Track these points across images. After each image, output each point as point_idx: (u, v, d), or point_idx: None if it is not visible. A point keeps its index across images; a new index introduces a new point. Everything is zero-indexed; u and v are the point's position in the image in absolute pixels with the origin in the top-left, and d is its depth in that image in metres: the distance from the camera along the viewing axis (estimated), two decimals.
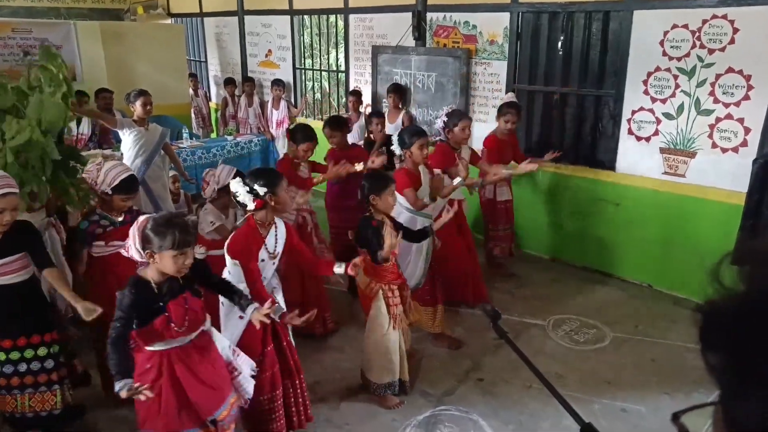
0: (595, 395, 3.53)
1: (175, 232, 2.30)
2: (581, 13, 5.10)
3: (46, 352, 2.90)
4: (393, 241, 3.16)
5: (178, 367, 2.45)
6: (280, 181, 2.90)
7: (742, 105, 4.27)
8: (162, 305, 2.37)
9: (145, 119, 5.11)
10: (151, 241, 2.32)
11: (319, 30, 8.01)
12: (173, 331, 2.39)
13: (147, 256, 2.34)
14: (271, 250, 2.93)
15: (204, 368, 2.52)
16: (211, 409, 2.55)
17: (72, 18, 9.51)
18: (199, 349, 2.52)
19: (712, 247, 4.48)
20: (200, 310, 2.52)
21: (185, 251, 2.35)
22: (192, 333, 2.48)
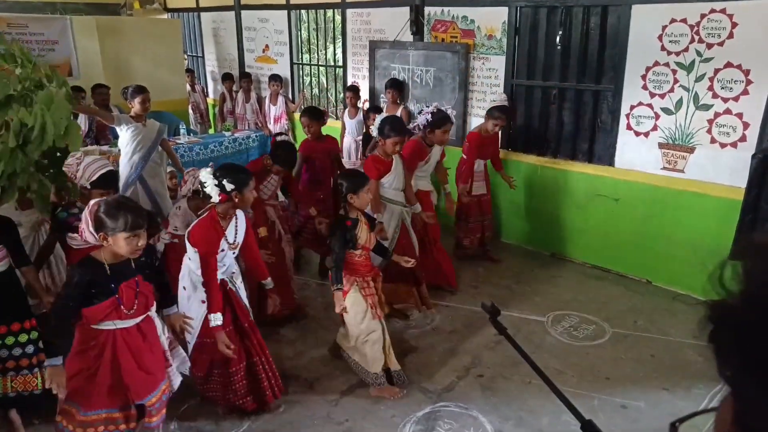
0: (595, 391, 3.53)
1: (127, 214, 2.38)
2: (579, 8, 5.08)
3: (27, 338, 3.02)
4: (368, 236, 3.40)
5: (120, 348, 2.54)
6: (249, 181, 3.03)
7: (741, 100, 4.26)
8: (114, 287, 2.46)
9: (143, 115, 5.08)
10: (104, 223, 2.39)
11: (316, 25, 7.97)
12: (122, 313, 2.49)
13: (101, 238, 2.42)
14: (231, 240, 3.09)
15: (144, 353, 2.61)
16: (142, 393, 2.63)
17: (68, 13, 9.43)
18: (143, 334, 2.62)
19: (710, 242, 4.49)
20: (150, 295, 2.62)
21: (138, 233, 2.42)
22: (139, 316, 2.58)
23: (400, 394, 3.51)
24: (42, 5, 10.62)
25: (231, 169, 3.04)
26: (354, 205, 3.39)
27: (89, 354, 2.52)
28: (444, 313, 4.54)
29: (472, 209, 5.29)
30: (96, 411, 2.57)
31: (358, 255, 3.43)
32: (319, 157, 5.00)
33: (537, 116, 5.62)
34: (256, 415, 3.33)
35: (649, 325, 4.32)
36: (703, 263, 4.56)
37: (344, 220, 3.39)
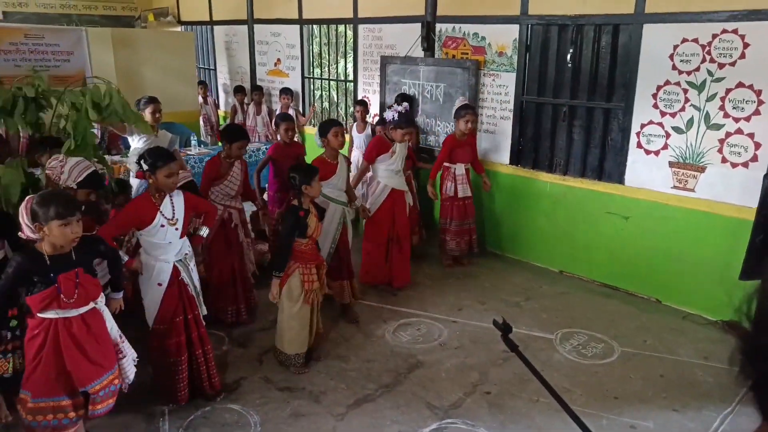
0: (603, 410, 3.49)
1: (58, 203, 2.51)
2: (591, 26, 5.11)
3: (16, 323, 3.12)
4: (316, 226, 3.76)
5: (62, 336, 2.65)
6: (162, 167, 3.16)
7: (753, 120, 4.26)
8: (53, 276, 2.57)
9: (155, 126, 5.13)
10: (36, 214, 2.52)
11: (328, 39, 8.04)
12: (62, 302, 2.59)
13: (36, 229, 2.54)
14: (169, 215, 3.23)
15: (88, 342, 2.71)
16: (84, 381, 2.72)
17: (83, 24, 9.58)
18: (87, 325, 2.71)
19: (721, 262, 4.45)
20: (93, 287, 2.72)
21: (69, 221, 2.53)
22: (82, 307, 2.68)
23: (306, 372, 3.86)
24: (58, 17, 10.79)
25: (151, 153, 3.22)
26: (309, 195, 3.72)
27: (35, 342, 2.65)
28: (451, 328, 4.52)
29: (458, 212, 5.51)
30: (43, 398, 2.67)
31: (305, 243, 3.73)
32: (287, 162, 5.05)
33: (547, 133, 5.63)
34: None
35: (659, 344, 4.28)
36: (713, 283, 4.53)
37: (298, 209, 3.68)
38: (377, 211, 4.97)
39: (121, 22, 11.49)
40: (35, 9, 10.70)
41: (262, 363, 3.99)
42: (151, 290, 3.27)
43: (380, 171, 4.97)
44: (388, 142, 4.97)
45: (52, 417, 2.70)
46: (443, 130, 6.31)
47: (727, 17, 4.25)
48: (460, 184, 5.46)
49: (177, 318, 3.32)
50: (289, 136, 5.22)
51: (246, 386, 3.72)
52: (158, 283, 3.24)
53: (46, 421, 2.69)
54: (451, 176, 5.48)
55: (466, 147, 5.49)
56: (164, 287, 3.25)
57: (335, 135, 4.42)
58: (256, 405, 3.52)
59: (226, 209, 4.47)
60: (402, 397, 3.62)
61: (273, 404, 3.54)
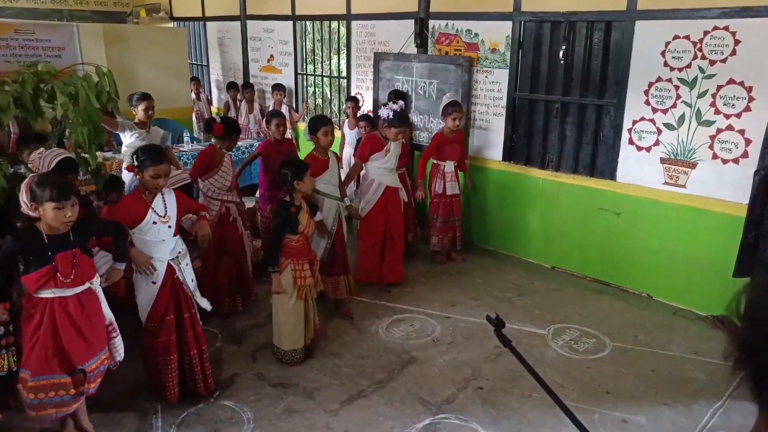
0: (595, 405, 3.52)
1: (54, 185, 2.59)
2: (583, 23, 5.12)
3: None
4: (307, 222, 3.76)
5: (59, 315, 2.71)
6: (149, 166, 3.16)
7: (743, 116, 4.29)
8: (51, 254, 2.65)
9: (147, 122, 5.11)
10: (34, 193, 2.61)
11: (321, 36, 8.02)
12: (59, 281, 2.67)
13: (32, 208, 2.62)
14: (161, 213, 3.23)
15: (82, 321, 2.78)
16: (81, 359, 2.79)
17: (75, 20, 9.50)
18: (82, 304, 2.78)
19: (712, 257, 4.49)
20: (88, 267, 2.80)
21: (64, 204, 2.60)
22: (78, 287, 2.75)
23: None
24: (49, 12, 10.70)
25: (144, 150, 3.24)
26: (300, 191, 3.73)
27: (32, 322, 2.71)
28: (444, 324, 4.53)
29: (443, 209, 5.53)
30: (43, 377, 2.73)
31: (296, 240, 3.74)
32: (278, 159, 5.03)
33: (539, 130, 5.65)
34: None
35: (650, 339, 4.31)
36: (704, 279, 4.57)
37: (289, 206, 3.70)
38: (371, 210, 4.96)
39: (113, 18, 11.40)
40: (26, 4, 10.61)
41: (255, 360, 3.99)
42: (144, 288, 3.26)
43: (374, 169, 4.96)
44: (381, 141, 4.96)
45: (54, 394, 2.76)
46: (436, 126, 6.31)
47: (718, 14, 4.27)
48: (449, 182, 5.48)
49: (168, 316, 3.31)
50: (280, 132, 5.20)
51: (239, 383, 3.72)
52: (152, 282, 3.24)
53: (48, 398, 2.76)
54: (440, 174, 5.49)
55: (454, 144, 5.51)
56: (158, 286, 3.25)
57: (325, 134, 4.42)
58: (249, 401, 3.52)
59: (223, 204, 4.47)
60: (395, 393, 3.63)
61: (266, 400, 3.54)
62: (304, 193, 3.80)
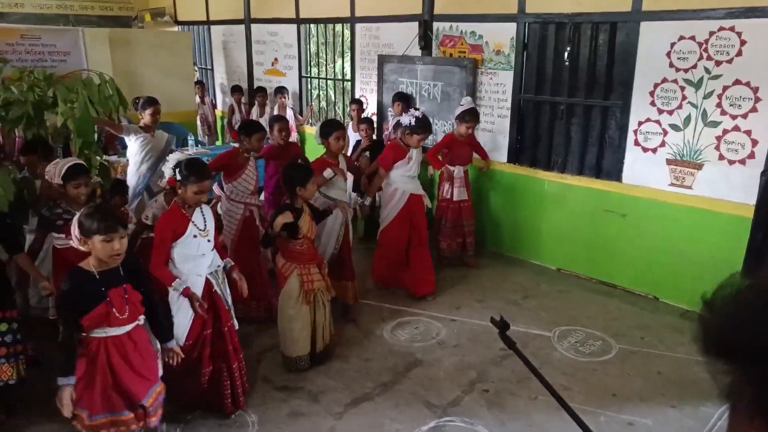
0: (602, 408, 3.50)
1: (102, 218, 2.51)
2: (588, 24, 5.11)
3: (6, 327, 3.14)
4: (309, 225, 3.71)
5: (113, 354, 2.64)
6: (194, 182, 3.11)
7: (750, 117, 4.26)
8: (104, 290, 2.56)
9: (152, 126, 5.13)
10: (83, 227, 2.52)
11: (325, 39, 8.03)
12: (114, 318, 2.58)
13: (82, 242, 2.53)
14: (201, 226, 3.19)
15: (135, 357, 2.71)
16: (139, 394, 2.73)
17: (80, 25, 9.55)
18: (133, 341, 2.71)
19: (719, 259, 4.46)
20: (139, 303, 2.70)
21: (112, 236, 2.51)
22: (131, 323, 2.67)
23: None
24: (55, 17, 10.76)
25: (189, 164, 3.17)
26: (303, 196, 3.70)
27: (83, 362, 2.63)
28: (449, 327, 4.52)
29: (452, 214, 5.47)
30: (101, 415, 2.66)
31: (299, 244, 3.69)
32: (283, 164, 5.00)
33: (545, 131, 5.63)
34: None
35: (657, 341, 4.29)
36: (711, 280, 4.53)
37: (288, 210, 3.65)
38: (396, 220, 4.84)
39: (118, 23, 11.45)
40: (31, 9, 10.67)
41: (260, 362, 3.98)
42: (183, 304, 3.16)
43: (397, 177, 4.82)
44: (403, 148, 4.82)
45: (115, 430, 2.71)
46: (441, 128, 6.31)
47: (724, 15, 4.25)
48: (457, 188, 5.41)
49: (206, 331, 3.24)
50: (283, 137, 5.13)
51: None
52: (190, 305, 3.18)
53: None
54: (449, 178, 5.44)
55: (465, 147, 5.45)
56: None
57: (336, 139, 4.37)
58: (254, 404, 3.52)
59: (246, 207, 4.44)
60: (400, 396, 3.62)
61: (271, 404, 3.53)
62: (305, 199, 3.77)
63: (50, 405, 2.68)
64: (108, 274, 2.60)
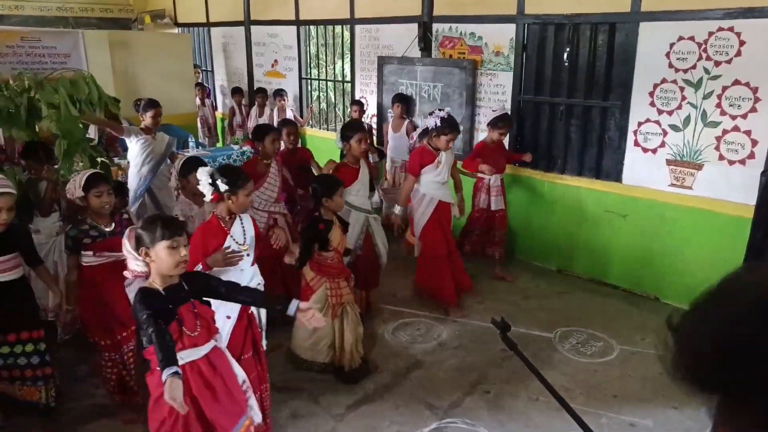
0: (603, 409, 3.50)
1: (164, 222, 2.32)
2: (587, 25, 5.11)
3: (33, 348, 3.02)
4: (340, 238, 3.58)
5: (194, 383, 2.35)
6: (245, 184, 2.96)
7: (749, 117, 4.26)
8: (172, 308, 2.31)
9: (153, 128, 5.13)
10: (142, 238, 2.30)
11: (325, 40, 8.04)
12: (186, 336, 2.32)
13: (143, 255, 2.29)
14: (240, 240, 3.02)
15: (218, 385, 2.42)
16: (228, 427, 2.44)
17: (80, 27, 9.56)
18: (213, 366, 2.43)
19: (719, 259, 4.46)
20: (211, 320, 2.46)
21: (177, 240, 2.29)
22: (206, 343, 2.41)
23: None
24: (55, 19, 10.77)
25: (228, 170, 3.00)
26: (330, 208, 3.57)
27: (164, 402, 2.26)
28: (450, 328, 4.52)
29: (484, 223, 5.30)
30: None
31: (330, 257, 3.60)
32: (293, 168, 4.99)
33: (544, 132, 5.63)
34: None
35: (658, 342, 4.27)
36: (711, 281, 4.53)
37: (317, 222, 3.57)
38: (429, 226, 4.62)
39: (118, 25, 11.47)
40: (31, 12, 10.69)
41: None
42: (218, 321, 2.87)
43: (425, 183, 4.60)
44: (431, 153, 4.58)
45: None
46: None
47: (722, 15, 4.26)
48: (494, 197, 5.19)
49: (245, 355, 2.97)
50: (291, 141, 5.04)
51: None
52: (227, 316, 2.92)
53: None
54: (485, 188, 5.22)
55: (499, 154, 5.23)
56: (233, 320, 2.94)
57: (358, 141, 4.22)
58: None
59: (270, 216, 4.30)
60: (401, 397, 3.62)
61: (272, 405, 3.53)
62: (333, 211, 3.61)
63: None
64: (172, 291, 2.35)
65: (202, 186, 2.93)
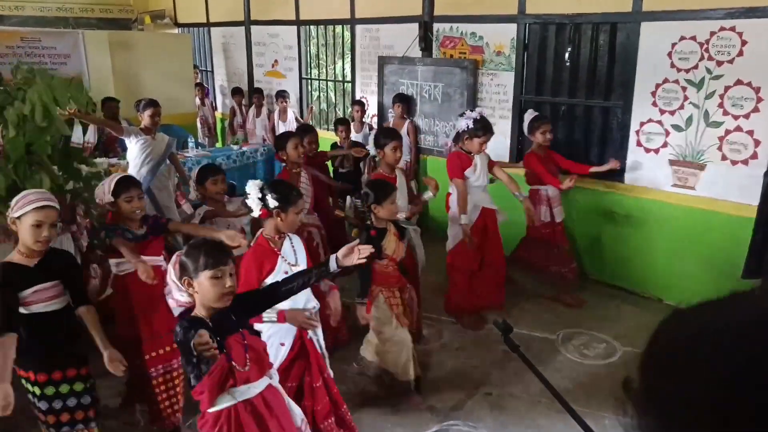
0: (605, 410, 3.47)
1: (207, 249, 2.13)
2: (588, 25, 5.10)
3: (82, 387, 2.69)
4: (396, 245, 3.32)
5: (248, 425, 2.15)
6: (296, 201, 2.79)
7: (752, 117, 4.25)
8: (219, 340, 2.06)
9: (153, 129, 5.11)
10: (185, 266, 2.12)
11: (325, 40, 8.03)
12: (237, 373, 2.10)
13: (186, 285, 2.11)
14: (292, 261, 2.80)
15: (274, 427, 2.22)
16: None
17: (80, 27, 9.56)
18: (269, 406, 2.22)
19: (722, 260, 4.44)
20: (263, 352, 2.25)
21: (222, 270, 2.09)
22: (258, 379, 2.19)
23: (422, 404, 3.52)
24: (55, 20, 10.77)
25: (279, 186, 2.82)
26: (379, 215, 3.33)
27: None
28: (452, 330, 4.50)
29: (546, 237, 4.84)
30: None
31: (385, 266, 3.38)
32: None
33: None
34: None
35: None
36: (714, 282, 4.51)
37: (369, 229, 3.35)
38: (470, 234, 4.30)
39: (118, 25, 11.47)
40: (32, 12, 10.69)
41: None
42: (270, 351, 2.65)
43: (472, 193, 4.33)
44: (466, 157, 4.36)
45: None
46: (442, 130, 6.30)
47: (724, 15, 4.24)
48: (556, 207, 4.81)
49: (290, 384, 2.78)
50: (313, 149, 4.90)
51: None
52: (281, 343, 2.75)
53: None
54: (544, 199, 4.80)
55: (550, 163, 4.82)
56: (287, 348, 2.76)
57: (393, 149, 4.02)
58: None
59: (304, 228, 4.00)
60: (403, 399, 3.59)
61: None
62: (383, 219, 3.36)
63: None
64: (218, 320, 2.12)
65: (250, 200, 2.76)
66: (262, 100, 8.30)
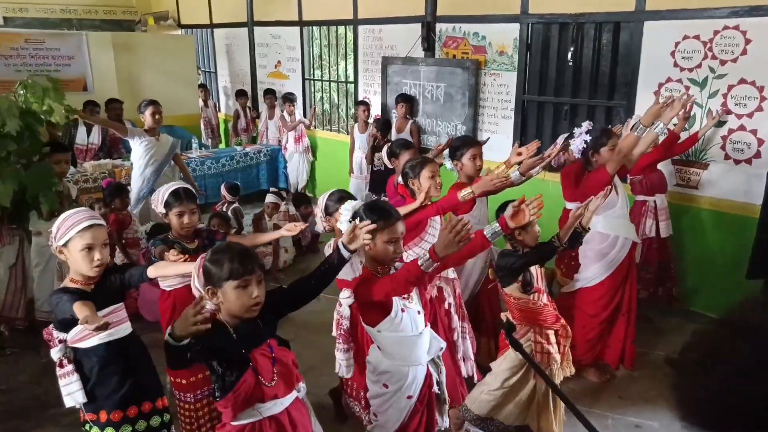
0: (608, 410, 3.47)
1: (232, 258, 1.92)
2: (591, 24, 5.09)
3: (159, 421, 2.41)
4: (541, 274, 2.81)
5: None
6: (385, 226, 2.23)
7: (755, 116, 4.24)
8: (244, 352, 1.91)
9: (156, 129, 5.13)
10: (210, 273, 1.94)
11: (328, 41, 8.04)
12: (263, 388, 1.92)
13: (209, 294, 1.93)
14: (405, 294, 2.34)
15: None
16: None
17: (84, 29, 9.60)
18: (293, 422, 2.02)
19: (725, 259, 4.43)
20: (292, 365, 2.05)
21: (248, 280, 1.91)
22: (287, 394, 2.00)
23: None
24: (59, 21, 10.82)
25: (376, 207, 2.35)
26: (525, 243, 2.80)
27: None
28: None
29: (656, 255, 4.51)
30: None
31: (533, 300, 2.79)
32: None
33: (548, 132, 5.61)
34: None
35: (664, 343, 4.25)
36: (717, 281, 4.50)
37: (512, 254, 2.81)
38: (609, 276, 3.59)
39: (122, 26, 11.52)
40: (36, 14, 10.73)
41: None
42: (395, 405, 2.33)
43: (608, 221, 3.56)
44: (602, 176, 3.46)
45: None
46: (444, 130, 6.30)
47: (728, 13, 4.23)
48: (663, 221, 4.42)
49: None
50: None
51: None
52: (408, 396, 2.33)
53: None
54: (650, 211, 4.42)
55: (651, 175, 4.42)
56: (414, 400, 2.33)
57: (472, 158, 3.43)
58: None
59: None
60: None
61: None
62: (527, 245, 2.80)
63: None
64: (244, 329, 1.96)
65: (341, 223, 2.44)
66: (274, 101, 8.24)
